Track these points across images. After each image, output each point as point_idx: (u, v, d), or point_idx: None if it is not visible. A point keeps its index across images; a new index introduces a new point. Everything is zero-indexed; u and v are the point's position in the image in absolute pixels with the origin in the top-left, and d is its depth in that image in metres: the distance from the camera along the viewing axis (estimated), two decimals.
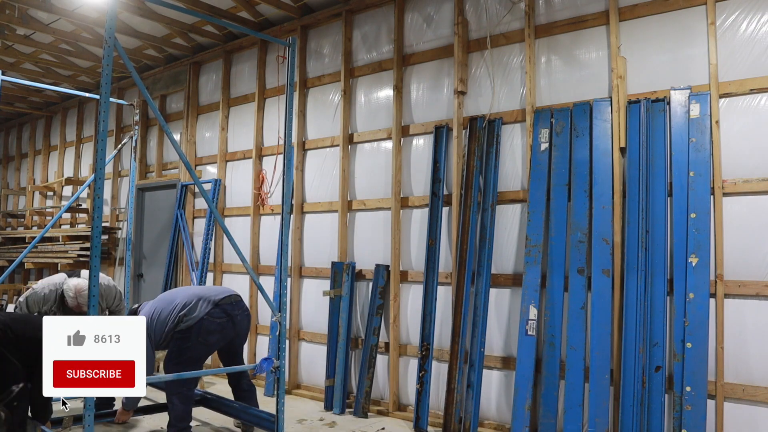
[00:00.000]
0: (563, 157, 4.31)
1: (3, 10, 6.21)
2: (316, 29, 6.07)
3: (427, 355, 4.70)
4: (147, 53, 7.50)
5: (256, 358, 6.15)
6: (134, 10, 6.05)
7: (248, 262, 4.82)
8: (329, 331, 5.37)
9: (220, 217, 3.89)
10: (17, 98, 9.46)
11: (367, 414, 4.99)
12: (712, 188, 3.76)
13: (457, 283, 4.61)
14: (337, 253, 5.55)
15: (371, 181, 5.48)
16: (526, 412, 4.10)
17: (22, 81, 6.59)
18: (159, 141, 7.76)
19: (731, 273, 3.69)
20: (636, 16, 4.17)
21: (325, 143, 5.84)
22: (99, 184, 2.97)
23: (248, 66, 6.66)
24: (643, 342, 3.79)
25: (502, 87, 4.73)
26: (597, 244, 4.06)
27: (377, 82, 5.53)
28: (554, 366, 4.11)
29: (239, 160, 6.65)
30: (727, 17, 3.84)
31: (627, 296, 3.89)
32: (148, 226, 7.77)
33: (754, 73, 3.73)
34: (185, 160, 3.49)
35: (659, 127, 3.96)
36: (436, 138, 4.96)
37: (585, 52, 4.39)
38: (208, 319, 4.09)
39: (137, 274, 7.67)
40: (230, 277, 6.61)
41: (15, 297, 9.67)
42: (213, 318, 4.11)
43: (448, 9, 5.07)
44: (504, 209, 4.62)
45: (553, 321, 4.15)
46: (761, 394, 3.56)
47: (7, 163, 11.41)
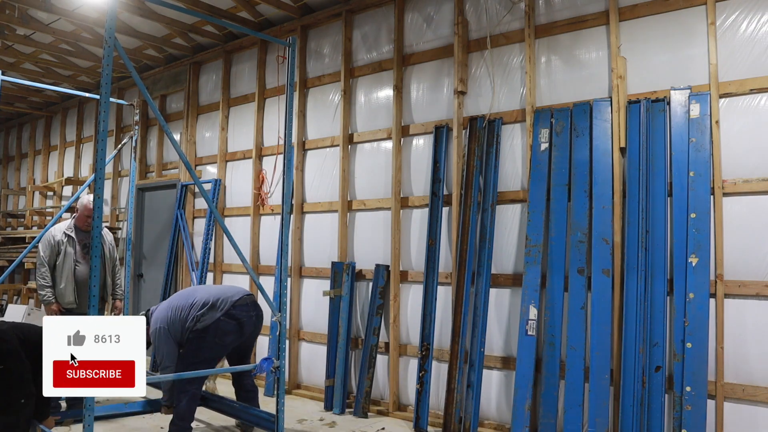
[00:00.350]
0: (563, 157, 4.31)
1: (3, 10, 6.21)
2: (316, 29, 6.07)
3: (427, 355, 4.70)
4: (147, 53, 7.51)
5: (257, 358, 6.15)
6: (134, 10, 6.05)
7: (248, 262, 4.82)
8: (329, 331, 5.37)
9: (220, 217, 3.89)
10: (17, 98, 9.46)
11: (367, 414, 4.99)
12: (712, 188, 3.76)
13: (457, 283, 4.61)
14: (337, 253, 5.55)
15: (371, 181, 5.48)
16: (526, 412, 4.10)
17: (22, 81, 6.59)
18: (159, 141, 7.76)
19: (731, 273, 3.69)
20: (636, 16, 4.17)
21: (325, 143, 5.84)
22: (99, 184, 2.97)
23: (248, 66, 6.66)
24: (643, 342, 3.79)
25: (502, 87, 4.73)
26: (597, 244, 4.06)
27: (377, 82, 5.53)
28: (554, 366, 4.11)
29: (239, 160, 6.65)
30: (727, 17, 3.84)
31: (627, 296, 3.89)
32: (148, 226, 7.77)
33: (754, 73, 3.73)
34: (185, 160, 3.49)
35: (659, 127, 3.96)
36: (436, 138, 4.96)
37: (585, 52, 4.39)
38: (225, 320, 4.11)
39: (137, 274, 7.67)
40: (230, 277, 6.61)
41: (15, 297, 9.67)
42: (229, 319, 4.13)
43: (448, 9, 5.07)
44: (504, 209, 4.62)
45: (553, 321, 4.15)
46: (761, 394, 3.56)
47: (7, 163, 11.41)
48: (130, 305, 7.12)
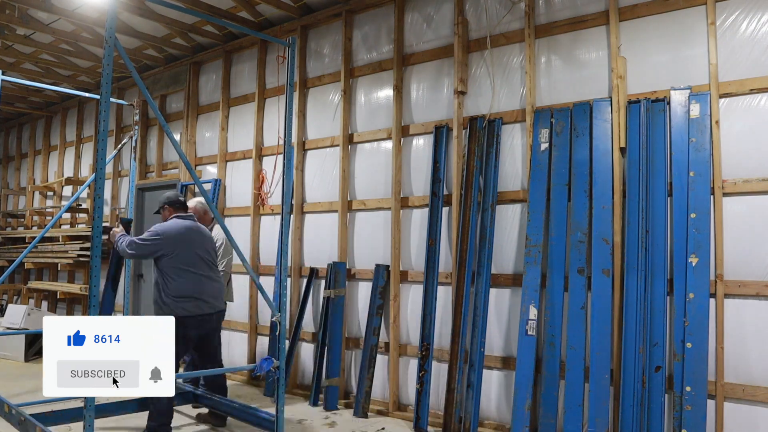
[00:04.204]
0: (563, 157, 4.31)
1: (3, 10, 6.21)
2: (316, 29, 6.07)
3: (427, 355, 4.70)
4: (147, 53, 7.51)
5: (257, 358, 6.16)
6: (134, 10, 6.05)
7: (248, 262, 4.82)
8: (330, 331, 5.37)
9: (220, 217, 3.89)
10: (17, 98, 9.45)
11: (367, 414, 4.99)
12: (712, 188, 3.76)
13: (457, 283, 4.61)
14: (337, 253, 5.55)
15: (371, 181, 5.48)
16: (526, 412, 4.10)
17: (22, 81, 6.58)
18: (159, 141, 7.76)
19: (731, 273, 3.69)
20: (636, 16, 4.17)
21: (325, 143, 5.84)
22: (99, 184, 2.97)
23: (248, 66, 6.66)
24: (643, 342, 3.79)
25: (502, 87, 4.73)
26: (597, 244, 4.06)
27: (377, 82, 5.53)
28: (554, 366, 4.11)
29: (239, 160, 6.65)
30: (727, 17, 3.84)
31: (627, 296, 3.89)
32: (148, 226, 7.74)
33: (754, 73, 3.73)
34: (185, 160, 3.49)
35: (659, 127, 3.96)
36: (436, 138, 4.96)
37: (585, 52, 4.39)
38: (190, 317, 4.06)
39: (137, 274, 7.67)
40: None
41: (15, 297, 9.67)
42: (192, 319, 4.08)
43: (448, 9, 5.07)
44: (504, 209, 4.63)
45: (553, 321, 4.16)
46: (761, 394, 3.56)
47: (7, 163, 11.41)
48: (130, 305, 7.11)
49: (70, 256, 7.86)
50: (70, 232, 8.38)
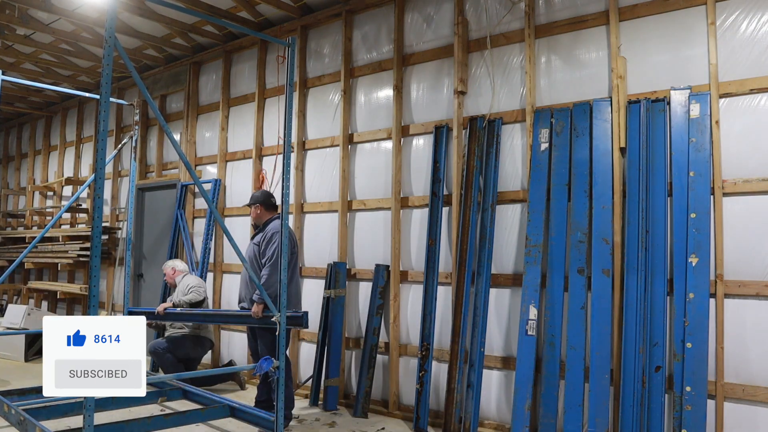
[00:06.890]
0: (563, 157, 4.31)
1: (3, 10, 6.21)
2: (316, 29, 6.07)
3: (427, 355, 4.70)
4: (147, 53, 7.51)
5: None
6: (134, 10, 6.05)
7: (248, 262, 4.81)
8: (330, 331, 5.37)
9: (220, 217, 3.89)
10: (17, 98, 9.46)
11: (367, 414, 4.99)
12: (712, 188, 3.76)
13: (457, 283, 4.61)
14: (337, 253, 5.55)
15: (371, 181, 5.48)
16: (526, 412, 4.10)
17: (22, 81, 6.58)
18: (159, 141, 7.76)
19: (731, 273, 3.69)
20: (636, 16, 4.17)
21: (325, 143, 5.84)
22: (99, 184, 2.97)
23: (248, 66, 6.66)
24: (643, 342, 3.79)
25: (502, 87, 4.73)
26: (597, 244, 4.06)
27: (377, 82, 5.53)
28: (554, 366, 4.11)
29: (239, 160, 6.65)
30: (727, 17, 3.84)
31: (627, 296, 3.89)
32: (148, 226, 7.77)
33: (754, 73, 3.73)
34: (185, 160, 3.49)
35: (659, 127, 3.96)
36: (436, 138, 4.96)
37: (585, 52, 4.39)
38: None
39: (137, 274, 7.67)
40: (230, 277, 6.61)
41: (15, 297, 9.67)
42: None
43: (448, 9, 5.07)
44: (504, 209, 4.62)
45: (553, 321, 4.15)
46: (761, 394, 3.56)
47: (7, 163, 11.41)
48: (130, 305, 7.10)
49: (70, 256, 7.86)
50: (70, 232, 8.38)
